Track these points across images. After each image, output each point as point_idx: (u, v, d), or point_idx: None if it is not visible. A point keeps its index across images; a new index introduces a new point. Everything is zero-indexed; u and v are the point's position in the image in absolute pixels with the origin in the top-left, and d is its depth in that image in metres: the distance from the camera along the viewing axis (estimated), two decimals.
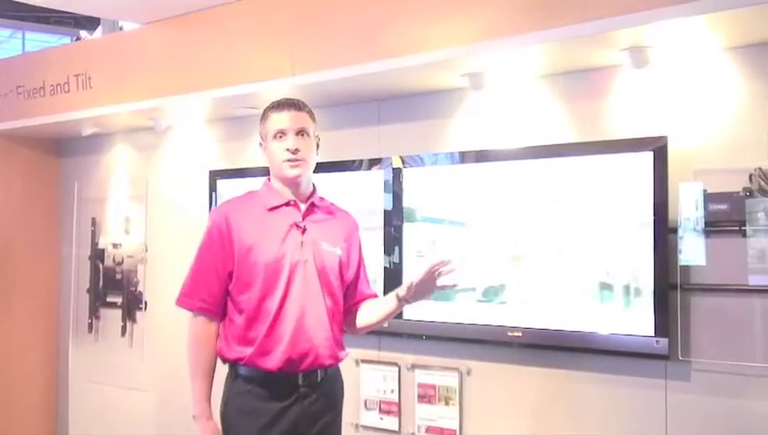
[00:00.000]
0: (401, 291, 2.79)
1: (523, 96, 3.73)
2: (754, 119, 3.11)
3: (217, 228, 2.73)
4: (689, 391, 3.22)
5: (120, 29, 5.52)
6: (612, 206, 3.33)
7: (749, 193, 3.05)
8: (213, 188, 4.83)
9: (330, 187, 4.26)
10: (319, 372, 2.73)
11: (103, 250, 5.68)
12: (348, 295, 2.89)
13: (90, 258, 5.74)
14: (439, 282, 2.74)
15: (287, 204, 2.78)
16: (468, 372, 3.86)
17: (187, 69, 4.43)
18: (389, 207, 4.01)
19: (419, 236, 3.91)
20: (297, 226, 2.75)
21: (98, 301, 5.70)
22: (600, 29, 2.98)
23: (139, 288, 5.44)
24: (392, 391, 4.09)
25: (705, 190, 3.15)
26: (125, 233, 5.57)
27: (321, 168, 4.26)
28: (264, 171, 4.50)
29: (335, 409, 2.83)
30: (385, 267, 3.98)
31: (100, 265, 5.69)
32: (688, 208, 3.17)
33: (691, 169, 3.21)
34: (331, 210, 2.88)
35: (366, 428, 4.20)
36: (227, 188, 4.78)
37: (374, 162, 4.11)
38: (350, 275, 2.88)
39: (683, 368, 3.22)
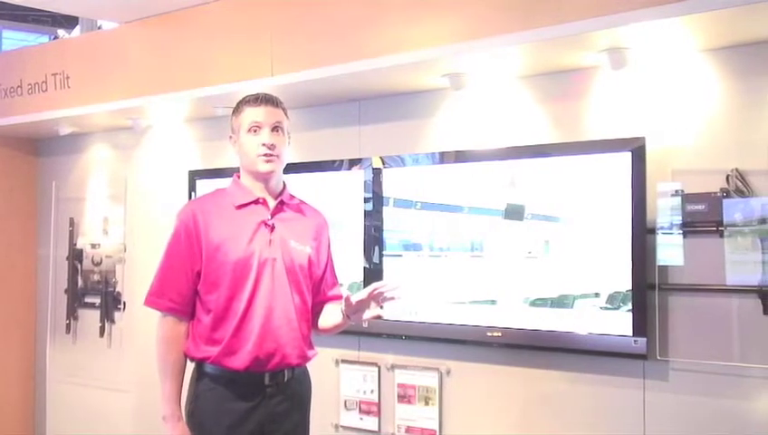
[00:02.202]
0: (343, 306, 2.74)
1: (503, 97, 3.74)
2: (731, 120, 3.14)
3: (185, 227, 2.72)
4: (667, 391, 3.24)
5: (99, 28, 5.48)
6: (591, 206, 3.34)
7: (726, 194, 3.08)
8: (192, 189, 4.81)
9: (310, 187, 4.28)
10: (286, 371, 2.73)
11: (81, 250, 5.63)
12: (312, 294, 2.88)
13: (68, 259, 5.69)
14: (366, 314, 2.67)
15: (256, 201, 2.77)
16: (448, 373, 3.87)
17: (166, 68, 4.41)
18: (369, 207, 4.01)
19: (400, 236, 3.91)
20: (266, 224, 2.74)
21: (76, 301, 5.66)
22: (578, 30, 2.99)
23: (118, 288, 5.40)
24: (372, 392, 4.09)
25: (682, 191, 3.17)
26: (103, 233, 5.53)
27: (302, 168, 4.31)
28: None
29: (302, 409, 2.83)
30: (365, 267, 3.98)
31: (79, 266, 5.64)
32: (666, 209, 3.19)
33: (669, 169, 3.23)
34: (300, 208, 2.87)
35: (345, 428, 4.20)
36: (207, 188, 4.76)
37: (354, 162, 4.10)
38: (317, 274, 2.88)
39: (661, 367, 3.24)
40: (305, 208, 2.90)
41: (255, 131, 2.74)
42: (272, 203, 2.78)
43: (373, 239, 3.98)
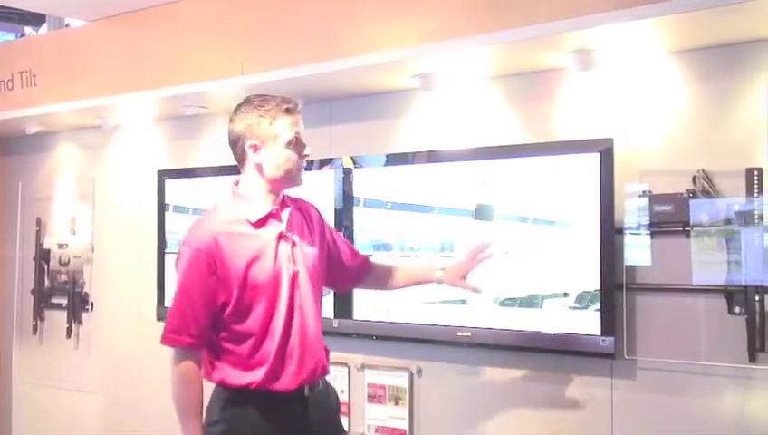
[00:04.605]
0: (438, 272, 2.94)
1: (472, 97, 3.75)
2: (698, 121, 3.17)
3: (205, 255, 2.49)
4: (635, 389, 3.27)
5: (67, 26, 5.42)
6: (560, 206, 3.36)
7: (692, 194, 3.11)
8: (161, 188, 4.78)
9: None
10: (320, 381, 2.69)
11: (49, 251, 5.58)
12: (346, 272, 2.91)
13: (34, 259, 5.64)
14: (468, 281, 2.93)
15: (270, 215, 2.62)
16: (418, 372, 3.87)
17: (135, 67, 4.37)
18: (340, 206, 4.00)
19: (370, 236, 3.91)
20: (284, 237, 2.61)
21: (43, 302, 5.60)
22: (547, 32, 3.00)
23: (86, 289, 5.36)
24: (342, 392, 4.08)
25: (650, 192, 3.20)
26: (71, 233, 5.48)
27: None
28: (215, 171, 4.52)
29: (336, 413, 2.82)
30: None
31: (46, 266, 5.59)
32: (634, 209, 3.22)
33: (636, 170, 3.26)
34: (297, 207, 2.76)
35: None
36: (176, 188, 4.74)
37: (325, 162, 4.09)
38: (336, 256, 2.88)
39: (628, 366, 3.27)
40: (298, 204, 2.78)
41: (297, 143, 2.60)
42: (285, 213, 2.65)
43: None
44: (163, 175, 4.80)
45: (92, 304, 5.31)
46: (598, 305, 3.24)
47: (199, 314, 2.51)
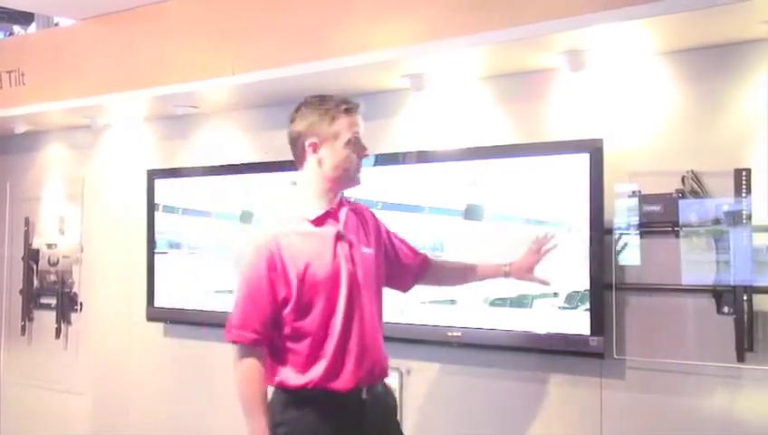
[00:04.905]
0: (506, 268, 2.98)
1: (463, 98, 3.76)
2: (687, 122, 3.19)
3: (268, 253, 2.54)
4: (624, 389, 3.28)
5: (56, 25, 5.40)
6: (550, 206, 3.37)
7: (682, 195, 3.12)
8: (151, 188, 4.77)
9: (271, 187, 4.27)
10: (379, 384, 2.68)
11: (37, 250, 5.56)
12: (405, 270, 2.90)
13: (23, 259, 5.61)
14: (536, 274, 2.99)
15: (328, 214, 2.64)
16: (408, 372, 3.87)
17: (124, 66, 4.36)
18: None
19: None
20: (343, 237, 2.63)
21: (31, 302, 5.58)
22: (537, 33, 3.01)
23: (75, 289, 5.34)
24: None
25: (639, 192, 3.21)
26: (60, 233, 5.46)
27: (263, 168, 4.28)
28: (205, 171, 4.52)
29: (395, 418, 2.81)
30: None
31: (34, 266, 5.56)
32: (623, 209, 3.23)
33: (626, 170, 3.27)
34: (353, 209, 2.77)
35: None
36: (165, 188, 4.73)
37: None
38: (394, 255, 2.87)
39: (618, 366, 3.28)
40: (356, 207, 2.80)
41: (356, 143, 2.62)
42: (341, 215, 2.67)
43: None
44: (153, 175, 4.79)
45: (81, 304, 5.29)
46: (587, 305, 3.25)
47: (262, 311, 2.54)
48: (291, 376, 2.57)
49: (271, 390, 2.62)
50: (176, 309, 4.66)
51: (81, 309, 5.29)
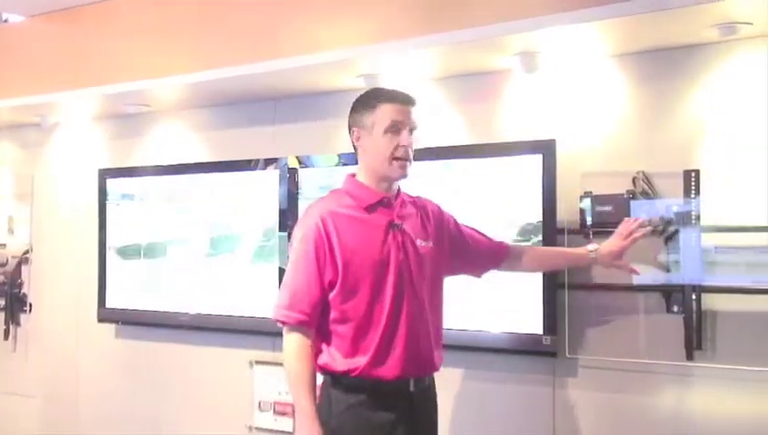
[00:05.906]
0: (592, 254, 2.92)
1: (417, 98, 3.75)
2: (638, 124, 3.23)
3: (316, 234, 2.54)
4: (576, 387, 3.32)
5: (5, 21, 5.30)
6: (504, 207, 3.39)
7: (632, 195, 3.16)
8: (102, 187, 4.71)
9: (224, 186, 4.24)
10: (426, 377, 2.66)
11: None
12: (479, 257, 2.87)
13: None
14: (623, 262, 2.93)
15: (381, 201, 2.63)
16: None
17: (75, 64, 4.30)
18: (285, 206, 3.98)
19: None
20: (395, 224, 2.61)
21: None
22: (491, 34, 3.03)
23: (24, 290, 5.25)
24: (287, 393, 4.05)
25: (591, 192, 3.25)
26: (9, 233, 5.36)
27: (216, 167, 4.26)
28: (157, 170, 4.47)
29: (436, 414, 2.78)
30: (280, 268, 3.95)
31: None
32: (575, 210, 3.26)
33: (578, 171, 3.30)
34: (414, 202, 2.75)
35: (260, 429, 4.16)
36: (117, 188, 4.67)
37: (269, 162, 4.07)
38: (463, 244, 2.83)
39: (570, 364, 3.31)
40: (417, 201, 2.78)
41: (394, 132, 2.58)
42: (394, 202, 2.65)
43: (289, 238, 3.94)
44: (104, 174, 4.73)
45: (31, 305, 5.20)
46: (540, 304, 3.27)
47: (310, 292, 2.54)
48: (336, 360, 2.55)
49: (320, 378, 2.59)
50: (128, 310, 4.60)
51: (30, 310, 5.20)
